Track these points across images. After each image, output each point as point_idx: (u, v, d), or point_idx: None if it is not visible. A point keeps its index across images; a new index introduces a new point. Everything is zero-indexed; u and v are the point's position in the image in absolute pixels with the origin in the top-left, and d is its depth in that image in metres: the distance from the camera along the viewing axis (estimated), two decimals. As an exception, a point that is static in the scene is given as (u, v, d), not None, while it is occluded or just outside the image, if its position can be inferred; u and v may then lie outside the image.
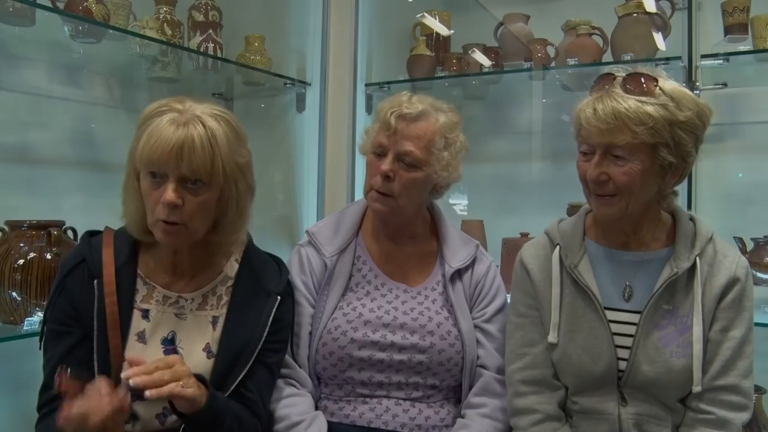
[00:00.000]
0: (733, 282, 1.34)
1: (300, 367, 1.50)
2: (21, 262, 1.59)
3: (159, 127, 1.21)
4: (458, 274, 1.59)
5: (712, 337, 1.34)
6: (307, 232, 1.64)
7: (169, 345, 1.32)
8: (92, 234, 1.38)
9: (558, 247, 1.44)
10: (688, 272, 1.35)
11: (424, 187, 1.54)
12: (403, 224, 1.61)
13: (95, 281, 1.28)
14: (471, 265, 1.62)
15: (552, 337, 1.40)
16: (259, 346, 1.34)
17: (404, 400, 1.49)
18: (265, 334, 1.35)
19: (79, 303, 1.28)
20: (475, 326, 1.57)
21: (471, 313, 1.58)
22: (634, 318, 1.36)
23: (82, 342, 1.27)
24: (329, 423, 1.46)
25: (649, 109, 1.25)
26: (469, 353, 1.52)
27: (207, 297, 1.38)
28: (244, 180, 1.31)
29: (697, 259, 1.35)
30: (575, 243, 1.44)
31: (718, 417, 1.31)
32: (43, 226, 1.65)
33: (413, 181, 1.50)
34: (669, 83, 1.30)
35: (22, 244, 1.62)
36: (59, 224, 1.69)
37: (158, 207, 1.22)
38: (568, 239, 1.45)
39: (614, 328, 1.37)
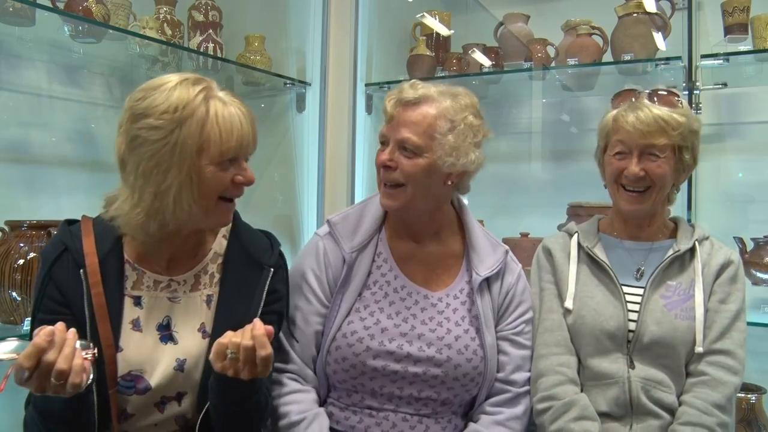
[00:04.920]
0: (728, 263, 1.53)
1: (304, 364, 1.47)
2: (21, 262, 1.60)
3: (225, 113, 1.21)
4: (486, 283, 1.51)
5: (710, 307, 1.49)
6: (328, 221, 1.56)
7: (165, 331, 1.29)
8: (70, 222, 1.32)
9: (576, 234, 1.61)
10: (690, 254, 1.53)
11: (431, 176, 1.42)
12: (421, 220, 1.51)
13: (81, 270, 1.23)
14: (501, 272, 1.53)
15: (568, 303, 1.53)
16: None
17: (411, 415, 1.44)
18: (261, 308, 1.32)
19: (67, 292, 1.23)
20: (505, 338, 1.51)
21: (498, 324, 1.52)
22: (643, 291, 1.51)
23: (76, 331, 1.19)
24: (335, 431, 1.44)
25: (678, 117, 1.47)
26: (489, 369, 1.46)
27: (199, 276, 1.34)
28: None
29: (696, 243, 1.54)
30: (591, 234, 1.62)
31: (713, 377, 1.42)
32: (43, 226, 1.65)
33: (415, 168, 1.40)
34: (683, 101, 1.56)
35: (22, 244, 1.62)
36: (59, 224, 1.69)
37: (232, 188, 1.25)
38: (584, 231, 1.62)
39: (626, 297, 1.51)
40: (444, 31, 2.62)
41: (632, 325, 1.48)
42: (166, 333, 1.29)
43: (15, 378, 0.99)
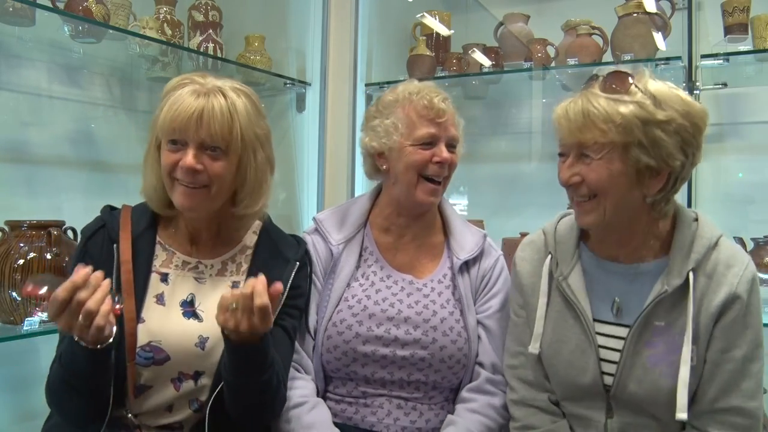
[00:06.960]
0: (732, 300, 1.22)
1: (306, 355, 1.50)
2: (21, 262, 1.60)
3: (180, 96, 1.26)
4: (466, 266, 1.57)
5: (710, 358, 1.24)
6: (314, 219, 1.64)
7: (188, 307, 1.34)
8: (113, 209, 1.42)
9: (549, 257, 1.39)
10: (684, 286, 1.24)
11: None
12: (420, 214, 1.59)
13: (114, 245, 1.31)
14: (479, 257, 1.59)
15: (533, 348, 1.36)
16: (278, 310, 1.32)
17: (406, 401, 1.48)
18: (284, 298, 1.35)
19: (99, 266, 1.23)
20: (477, 321, 1.55)
21: (475, 306, 1.56)
22: (624, 332, 1.29)
23: None
24: (333, 423, 1.45)
25: (621, 107, 1.19)
26: (473, 350, 1.51)
27: (226, 264, 1.41)
28: (263, 151, 1.36)
29: (691, 274, 1.24)
30: (569, 250, 1.37)
31: None
32: (43, 226, 1.65)
33: (455, 160, 1.55)
34: (655, 83, 1.23)
35: (22, 244, 1.62)
36: (59, 224, 1.69)
37: (177, 170, 1.27)
38: (562, 245, 1.39)
39: (602, 341, 1.31)
40: (444, 31, 2.61)
41: (609, 379, 1.28)
42: (189, 309, 1.33)
43: (48, 311, 1.08)
